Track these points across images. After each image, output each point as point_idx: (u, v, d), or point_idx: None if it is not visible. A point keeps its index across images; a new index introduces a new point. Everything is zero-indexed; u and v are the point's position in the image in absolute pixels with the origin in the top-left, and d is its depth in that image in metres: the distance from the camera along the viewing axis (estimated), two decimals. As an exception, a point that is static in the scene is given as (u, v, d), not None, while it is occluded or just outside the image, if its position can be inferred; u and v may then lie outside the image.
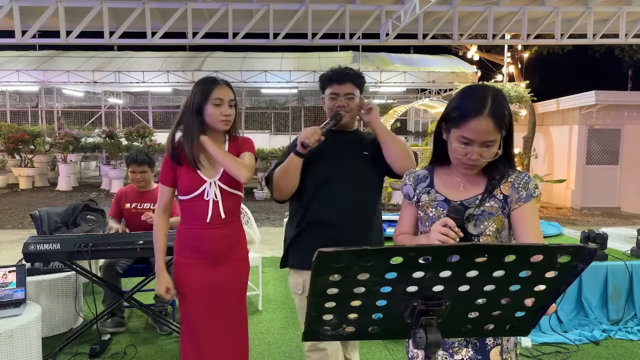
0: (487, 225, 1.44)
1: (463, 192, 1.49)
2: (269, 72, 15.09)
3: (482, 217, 1.44)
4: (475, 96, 1.41)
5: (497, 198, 1.45)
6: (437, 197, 1.52)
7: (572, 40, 9.64)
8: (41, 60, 15.32)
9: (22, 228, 7.81)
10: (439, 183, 1.54)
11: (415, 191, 1.58)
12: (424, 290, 0.99)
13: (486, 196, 1.46)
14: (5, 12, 8.00)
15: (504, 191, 1.46)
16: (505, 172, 1.47)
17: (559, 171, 11.32)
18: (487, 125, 1.38)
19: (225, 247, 2.14)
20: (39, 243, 2.93)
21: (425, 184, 1.56)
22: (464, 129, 1.40)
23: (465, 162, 1.43)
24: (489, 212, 1.45)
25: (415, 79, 15.34)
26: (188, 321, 2.17)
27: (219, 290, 2.13)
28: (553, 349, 3.37)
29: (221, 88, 2.06)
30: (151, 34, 8.56)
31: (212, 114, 2.04)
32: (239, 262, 2.22)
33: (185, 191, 2.10)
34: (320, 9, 8.74)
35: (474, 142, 1.40)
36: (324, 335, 1.07)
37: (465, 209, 1.44)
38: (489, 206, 1.45)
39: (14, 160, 13.06)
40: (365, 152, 2.18)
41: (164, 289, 2.15)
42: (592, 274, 3.73)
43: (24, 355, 2.68)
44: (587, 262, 0.96)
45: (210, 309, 2.13)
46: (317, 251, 0.88)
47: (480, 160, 1.41)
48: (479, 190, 1.48)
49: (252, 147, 2.21)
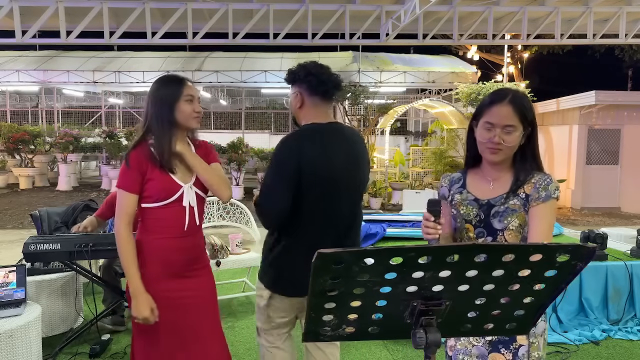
0: (510, 220, 1.58)
1: (492, 190, 1.63)
2: (269, 72, 15.08)
3: (505, 214, 1.59)
4: (499, 91, 1.62)
5: (520, 196, 1.59)
6: (468, 197, 1.67)
7: (572, 40, 9.65)
8: (41, 60, 15.32)
9: (22, 228, 7.81)
10: (471, 184, 1.69)
11: (450, 192, 1.73)
12: (424, 290, 0.99)
13: (510, 194, 1.59)
14: (5, 12, 8.01)
15: (526, 190, 1.58)
16: (531, 173, 1.60)
17: (559, 171, 11.32)
18: (507, 110, 1.55)
19: (194, 257, 2.03)
20: (39, 243, 2.93)
21: (459, 185, 1.71)
22: (487, 115, 1.57)
23: (490, 147, 1.57)
24: (512, 209, 1.58)
25: (415, 79, 15.34)
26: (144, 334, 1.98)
27: (184, 304, 1.98)
28: (553, 349, 3.37)
29: (189, 85, 2.00)
30: (151, 34, 8.56)
31: (185, 111, 1.95)
32: (206, 271, 2.11)
33: (158, 197, 1.92)
34: (320, 9, 8.75)
35: (496, 125, 1.55)
36: (324, 336, 1.07)
37: (440, 202, 1.57)
38: (512, 204, 1.58)
39: (14, 160, 13.06)
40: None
41: (148, 311, 1.86)
42: (592, 274, 3.73)
43: (24, 355, 2.68)
44: (586, 261, 0.96)
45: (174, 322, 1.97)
46: (317, 252, 0.89)
47: (503, 144, 1.55)
48: (506, 190, 1.61)
49: (217, 154, 2.14)
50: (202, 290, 2.06)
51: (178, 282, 1.97)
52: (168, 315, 1.95)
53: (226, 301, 4.28)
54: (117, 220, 1.91)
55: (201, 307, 2.05)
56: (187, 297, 2.00)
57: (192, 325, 2.02)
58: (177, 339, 1.99)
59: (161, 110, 1.93)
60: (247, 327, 3.74)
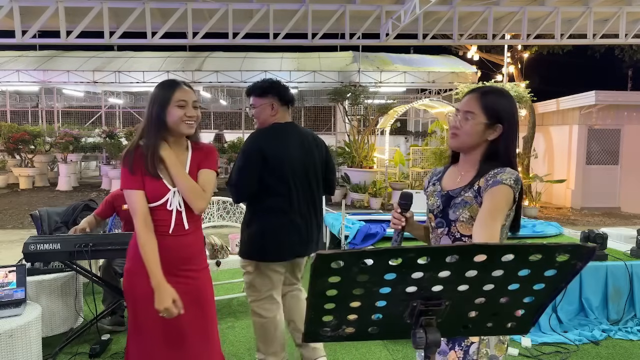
0: (462, 212, 1.59)
1: (459, 183, 1.65)
2: (269, 72, 15.08)
3: (459, 205, 1.60)
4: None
5: (473, 189, 1.59)
6: (436, 189, 1.71)
7: (572, 40, 9.64)
8: (41, 60, 15.32)
9: (22, 228, 7.81)
10: (446, 177, 1.73)
11: (428, 184, 1.80)
12: (423, 291, 0.99)
13: (467, 187, 1.61)
14: (5, 12, 8.01)
15: (480, 183, 1.58)
16: (494, 169, 1.57)
17: (559, 171, 11.32)
18: (472, 98, 1.61)
19: (183, 260, 2.01)
20: (39, 243, 2.94)
21: (436, 178, 1.77)
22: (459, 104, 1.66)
23: (451, 131, 1.65)
24: (465, 201, 1.59)
25: (415, 79, 15.34)
26: (136, 332, 2.02)
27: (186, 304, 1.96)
28: (553, 349, 3.37)
29: (184, 90, 1.97)
30: (151, 34, 8.56)
31: (175, 115, 1.93)
32: (200, 274, 2.07)
33: (148, 199, 1.95)
34: (320, 9, 8.74)
35: (459, 111, 1.63)
36: (324, 337, 1.07)
37: (411, 195, 1.68)
38: (467, 196, 1.59)
39: (14, 160, 13.07)
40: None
41: (170, 302, 1.89)
42: (592, 274, 3.73)
43: (24, 355, 2.69)
44: (586, 260, 0.96)
45: (162, 322, 1.95)
46: (317, 253, 0.89)
47: (459, 129, 1.61)
48: (465, 180, 1.64)
49: (214, 161, 2.08)
50: (194, 293, 2.02)
51: (169, 281, 1.93)
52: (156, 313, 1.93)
53: (226, 301, 4.28)
54: (134, 221, 1.94)
55: (193, 309, 2.00)
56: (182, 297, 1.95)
57: (182, 326, 1.99)
58: (167, 339, 1.99)
59: (152, 113, 1.95)
60: (247, 327, 3.74)
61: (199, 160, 2.04)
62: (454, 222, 1.61)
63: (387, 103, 12.77)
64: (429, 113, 14.70)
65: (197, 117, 2.00)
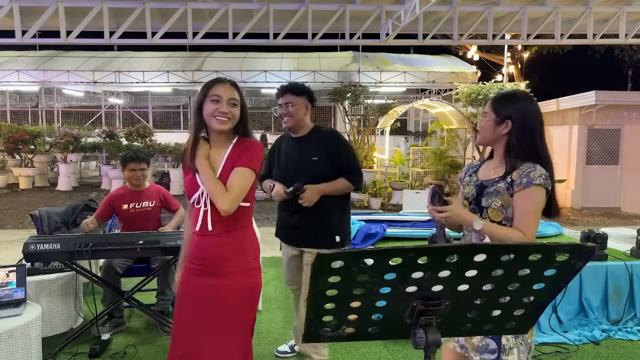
0: (493, 200, 1.80)
1: (492, 175, 1.88)
2: (269, 72, 15.08)
3: (491, 194, 1.82)
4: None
5: (506, 181, 1.80)
6: (472, 179, 1.94)
7: (572, 40, 9.64)
8: (41, 60, 15.32)
9: (22, 228, 7.81)
10: (482, 169, 1.96)
11: (465, 174, 2.01)
12: (423, 291, 0.99)
13: (500, 178, 1.82)
14: (5, 12, 8.01)
15: (513, 177, 1.78)
16: (521, 163, 1.80)
17: (559, 171, 11.32)
18: (488, 102, 1.93)
19: (208, 258, 1.95)
20: (39, 243, 2.94)
21: (473, 170, 1.99)
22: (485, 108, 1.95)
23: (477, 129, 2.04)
24: (497, 191, 1.80)
25: (415, 79, 15.34)
26: (175, 322, 2.05)
27: (201, 303, 1.95)
28: (553, 349, 3.37)
29: (221, 85, 1.93)
30: (151, 34, 8.56)
31: (207, 110, 1.91)
32: (225, 280, 1.94)
33: (187, 193, 2.02)
34: (320, 9, 8.75)
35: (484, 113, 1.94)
36: (324, 337, 1.07)
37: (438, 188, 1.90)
38: (499, 186, 1.80)
39: (14, 160, 13.06)
40: (315, 157, 2.74)
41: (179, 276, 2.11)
42: (592, 274, 3.73)
43: (24, 355, 2.69)
44: (586, 260, 0.96)
45: (193, 318, 1.96)
46: (317, 253, 0.89)
47: (480, 127, 1.94)
48: (499, 172, 1.87)
49: (251, 159, 1.93)
50: (213, 298, 1.94)
51: (195, 279, 1.98)
52: (182, 306, 2.01)
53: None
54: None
55: (208, 312, 1.94)
56: (197, 296, 1.96)
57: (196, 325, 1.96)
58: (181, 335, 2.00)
59: (194, 108, 1.99)
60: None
61: (235, 158, 1.93)
62: (486, 209, 1.81)
63: (387, 103, 12.76)
64: (429, 113, 14.70)
65: (231, 114, 1.92)
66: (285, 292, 4.54)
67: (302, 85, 2.84)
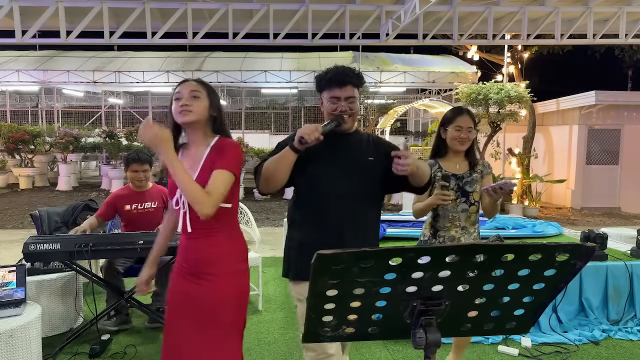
0: (476, 186, 2.59)
1: (459, 169, 2.61)
2: (269, 72, 15.08)
3: (472, 182, 2.60)
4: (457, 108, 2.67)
5: (477, 172, 2.63)
6: (446, 173, 2.55)
7: (572, 40, 9.64)
8: (41, 60, 15.32)
9: (22, 228, 7.81)
10: (444, 166, 2.62)
11: (430, 170, 2.24)
12: (423, 291, 0.99)
13: (472, 170, 2.62)
14: (5, 12, 8.01)
15: (479, 168, 2.64)
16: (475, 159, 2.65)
17: (559, 171, 11.32)
18: (468, 119, 2.58)
19: (197, 260, 1.92)
20: (39, 243, 2.94)
21: (436, 168, 2.59)
22: (457, 121, 2.57)
23: (459, 140, 2.56)
24: (475, 179, 2.60)
25: (415, 79, 15.34)
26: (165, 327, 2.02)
27: (187, 305, 1.92)
28: (553, 349, 3.37)
29: (184, 84, 1.93)
30: (151, 34, 8.56)
31: (173, 110, 1.91)
32: (209, 282, 1.90)
33: (169, 193, 2.00)
34: (320, 9, 8.74)
35: (463, 128, 2.56)
36: (324, 337, 1.07)
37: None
38: (475, 176, 2.61)
39: (14, 160, 13.07)
40: (371, 157, 2.10)
41: (142, 280, 2.10)
42: (592, 274, 3.73)
43: (24, 355, 2.68)
44: (585, 260, 0.96)
45: (179, 321, 1.95)
46: (316, 253, 0.89)
47: (468, 139, 2.57)
48: (466, 168, 2.62)
49: (228, 159, 1.86)
50: (198, 299, 1.92)
51: (181, 281, 1.96)
52: (170, 310, 1.99)
53: (226, 301, 4.28)
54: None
55: (195, 314, 1.92)
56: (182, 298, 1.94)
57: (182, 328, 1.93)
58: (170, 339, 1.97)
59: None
60: (247, 327, 3.71)
61: (214, 160, 1.88)
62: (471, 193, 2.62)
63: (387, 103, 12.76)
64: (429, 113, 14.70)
65: (192, 106, 1.87)
66: (285, 292, 4.54)
67: (359, 71, 2.15)
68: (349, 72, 2.07)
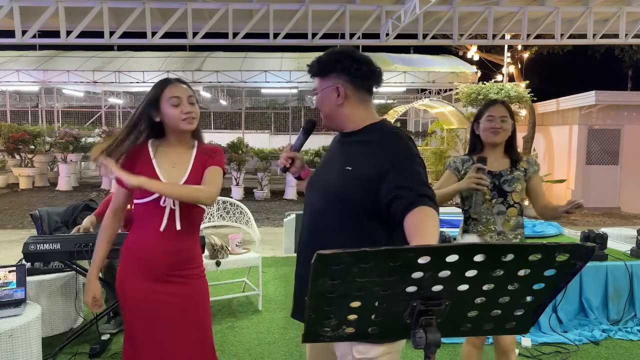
0: (516, 185, 2.31)
1: (497, 167, 2.34)
2: (269, 72, 15.09)
3: (512, 180, 2.31)
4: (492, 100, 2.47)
5: (520, 170, 2.35)
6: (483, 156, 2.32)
7: (572, 40, 9.64)
8: (41, 60, 15.33)
9: (22, 228, 7.81)
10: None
11: (463, 166, 2.41)
12: (423, 291, 0.99)
13: (513, 168, 2.34)
14: (5, 12, 8.01)
15: (524, 165, 2.37)
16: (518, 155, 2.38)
17: (559, 171, 11.32)
18: (501, 108, 2.35)
19: (174, 263, 1.91)
20: (39, 243, 2.93)
21: (470, 164, 2.38)
22: (489, 111, 2.34)
23: (492, 130, 2.31)
24: (516, 178, 2.33)
25: (415, 79, 15.34)
26: (129, 336, 1.96)
27: (161, 309, 1.89)
28: (553, 349, 3.37)
29: (176, 86, 1.90)
30: (151, 34, 8.56)
31: (172, 115, 1.86)
32: (194, 279, 1.96)
33: (141, 193, 1.86)
34: (320, 9, 8.75)
35: (495, 117, 2.32)
36: (324, 337, 1.07)
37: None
38: (517, 174, 2.33)
39: (14, 160, 13.07)
40: (348, 167, 1.55)
41: (89, 298, 1.94)
42: (592, 274, 3.73)
43: (24, 355, 2.68)
44: (585, 260, 0.96)
45: (153, 327, 1.90)
46: (317, 253, 0.89)
47: (502, 128, 2.30)
48: (506, 165, 2.35)
49: (220, 160, 1.99)
50: (187, 298, 1.93)
51: (158, 284, 1.89)
52: (146, 317, 1.90)
53: (226, 301, 4.28)
54: (107, 210, 2.04)
55: (181, 313, 1.92)
56: (166, 302, 1.90)
57: (175, 331, 1.91)
58: (159, 343, 1.91)
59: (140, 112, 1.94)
60: (247, 327, 3.74)
61: (205, 160, 1.97)
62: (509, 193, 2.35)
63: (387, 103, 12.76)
64: (429, 113, 14.71)
65: (195, 112, 1.90)
66: (285, 292, 4.54)
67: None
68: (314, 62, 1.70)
